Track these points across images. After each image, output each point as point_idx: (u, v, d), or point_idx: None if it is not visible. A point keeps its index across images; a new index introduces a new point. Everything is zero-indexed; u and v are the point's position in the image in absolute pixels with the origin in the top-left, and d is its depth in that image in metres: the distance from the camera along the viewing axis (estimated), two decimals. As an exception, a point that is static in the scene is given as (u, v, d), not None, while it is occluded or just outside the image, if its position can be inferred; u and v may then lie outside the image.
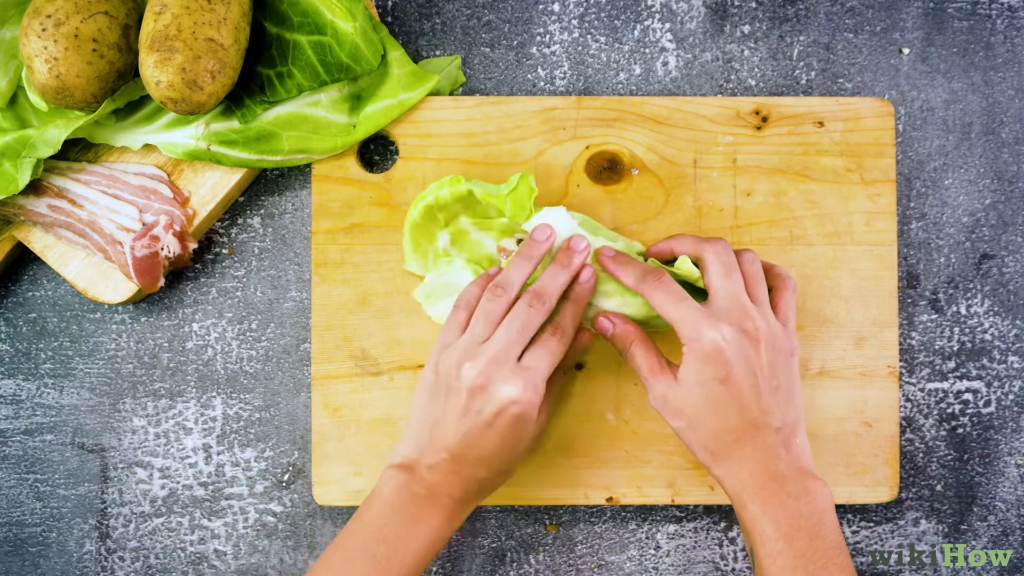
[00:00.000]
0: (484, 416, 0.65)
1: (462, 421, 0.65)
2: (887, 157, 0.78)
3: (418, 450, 0.67)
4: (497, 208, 0.72)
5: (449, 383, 0.66)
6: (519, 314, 0.66)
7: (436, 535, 0.67)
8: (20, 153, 0.72)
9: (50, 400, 0.79)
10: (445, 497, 0.67)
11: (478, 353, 0.65)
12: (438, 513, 0.66)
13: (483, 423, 0.65)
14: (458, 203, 0.72)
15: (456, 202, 0.72)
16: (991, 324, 0.80)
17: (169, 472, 0.79)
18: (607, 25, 0.81)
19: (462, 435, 0.65)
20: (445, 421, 0.66)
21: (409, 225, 0.73)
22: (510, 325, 0.66)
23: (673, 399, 0.67)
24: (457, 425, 0.65)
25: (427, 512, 0.66)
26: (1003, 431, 0.80)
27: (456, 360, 0.66)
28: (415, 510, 0.66)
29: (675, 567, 0.79)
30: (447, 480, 0.66)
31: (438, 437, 0.66)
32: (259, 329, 0.80)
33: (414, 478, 0.67)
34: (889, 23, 0.82)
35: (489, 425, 0.65)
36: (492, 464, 0.66)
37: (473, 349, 0.66)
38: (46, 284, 0.80)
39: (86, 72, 0.69)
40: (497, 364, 0.65)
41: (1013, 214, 0.81)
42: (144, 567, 0.79)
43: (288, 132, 0.75)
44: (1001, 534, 0.80)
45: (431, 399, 0.68)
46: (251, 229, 0.80)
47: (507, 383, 0.64)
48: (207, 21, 0.69)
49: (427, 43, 0.81)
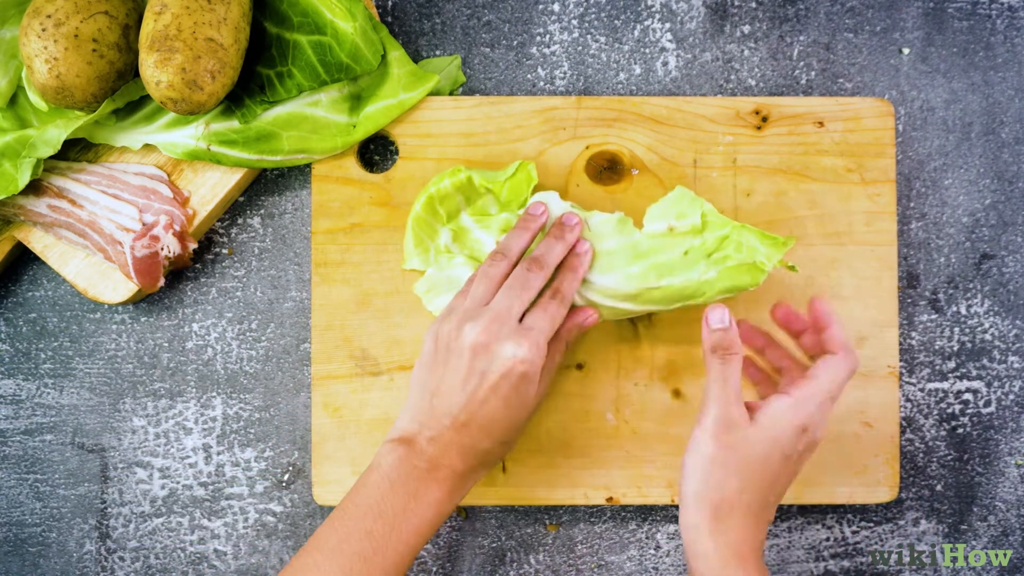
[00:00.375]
0: (489, 378, 0.64)
1: (465, 384, 0.64)
2: (887, 157, 0.78)
3: (418, 422, 0.66)
4: (495, 195, 0.72)
5: (449, 345, 0.65)
6: (519, 277, 0.67)
7: (436, 510, 0.65)
8: (20, 153, 0.72)
9: (50, 400, 0.79)
10: (446, 470, 0.65)
11: (480, 314, 0.65)
12: (438, 487, 0.65)
13: (488, 386, 0.64)
14: (458, 192, 0.72)
15: (456, 191, 0.72)
16: (991, 324, 0.80)
17: (169, 472, 0.79)
18: (607, 25, 0.81)
19: (465, 400, 0.64)
20: (446, 388, 0.65)
21: (412, 220, 0.73)
22: (511, 287, 0.66)
23: (741, 433, 0.62)
24: (460, 390, 0.65)
25: (427, 486, 0.65)
26: (1003, 431, 0.80)
27: (457, 323, 0.66)
28: (414, 484, 0.64)
29: (675, 567, 0.79)
30: (448, 451, 0.65)
31: (439, 406, 0.65)
32: (259, 329, 0.80)
33: (413, 451, 0.65)
34: (889, 23, 0.82)
35: (494, 388, 0.64)
36: (495, 432, 0.65)
37: (474, 311, 0.66)
38: (46, 284, 0.80)
39: (86, 72, 0.69)
40: (499, 323, 0.64)
41: (1013, 214, 0.81)
42: (144, 567, 0.79)
43: (288, 132, 0.75)
44: (1001, 534, 0.80)
45: (431, 369, 0.67)
46: (251, 229, 0.80)
47: (511, 341, 0.64)
48: (207, 21, 0.69)
49: (427, 43, 0.81)
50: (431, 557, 0.79)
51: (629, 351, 0.77)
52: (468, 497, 0.76)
